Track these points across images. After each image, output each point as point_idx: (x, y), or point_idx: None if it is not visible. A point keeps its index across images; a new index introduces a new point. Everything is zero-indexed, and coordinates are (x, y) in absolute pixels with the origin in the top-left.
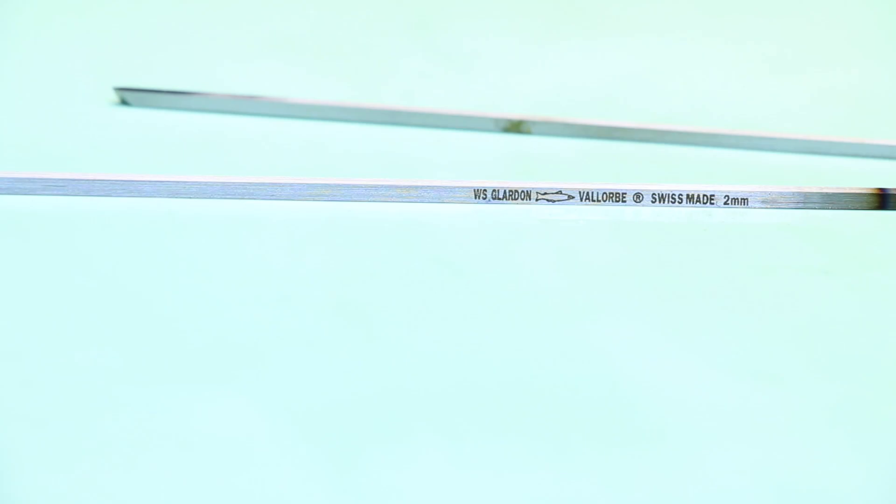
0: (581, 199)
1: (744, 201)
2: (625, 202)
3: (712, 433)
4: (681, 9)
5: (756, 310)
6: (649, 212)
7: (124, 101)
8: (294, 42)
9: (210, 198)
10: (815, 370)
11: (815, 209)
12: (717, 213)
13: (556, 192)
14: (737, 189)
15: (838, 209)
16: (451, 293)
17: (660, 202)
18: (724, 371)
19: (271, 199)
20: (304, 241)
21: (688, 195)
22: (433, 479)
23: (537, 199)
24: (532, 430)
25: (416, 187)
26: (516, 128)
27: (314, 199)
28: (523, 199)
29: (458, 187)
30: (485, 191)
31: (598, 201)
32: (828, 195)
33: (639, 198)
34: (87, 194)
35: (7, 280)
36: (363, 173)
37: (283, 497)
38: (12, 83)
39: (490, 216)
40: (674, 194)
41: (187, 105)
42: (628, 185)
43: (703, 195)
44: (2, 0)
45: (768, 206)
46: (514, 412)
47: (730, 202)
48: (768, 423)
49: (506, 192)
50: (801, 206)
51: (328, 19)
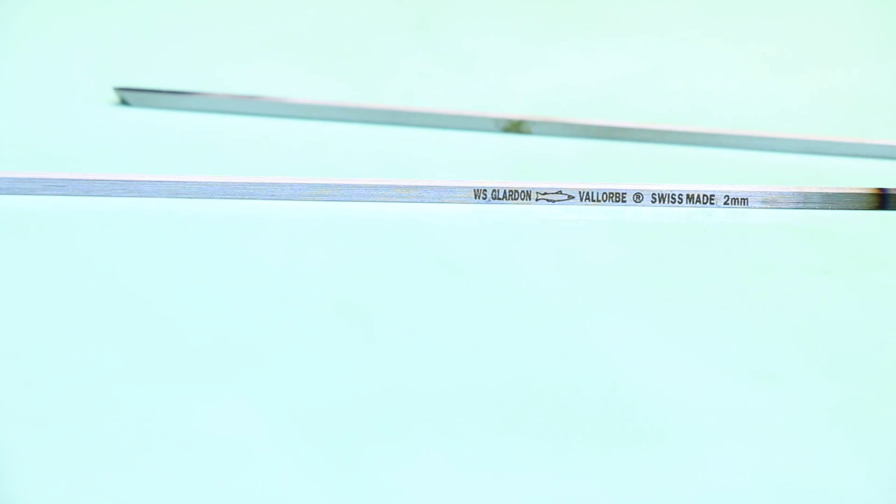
0: (581, 199)
1: (744, 201)
2: (625, 202)
3: (712, 433)
4: (681, 9)
5: (756, 310)
6: (649, 212)
7: (124, 101)
8: (294, 42)
9: (210, 198)
10: (815, 370)
11: (815, 209)
12: (717, 213)
13: (556, 192)
14: (737, 189)
15: (838, 209)
16: (451, 293)
17: (660, 202)
18: (724, 371)
19: (271, 199)
20: (304, 241)
21: (688, 195)
22: (433, 479)
23: (537, 199)
24: (532, 430)
25: (416, 187)
26: (516, 128)
27: (314, 199)
28: (523, 199)
29: (458, 187)
30: (485, 191)
31: (598, 201)
32: (828, 195)
33: (639, 198)
34: (87, 194)
35: (7, 280)
36: (363, 173)
37: (283, 497)
38: (12, 83)
39: (490, 216)
40: (674, 194)
41: (187, 105)
42: (628, 185)
43: (703, 195)
44: (2, 0)
45: (768, 206)
46: (513, 412)
47: (730, 202)
48: (768, 423)
49: (506, 192)
50: (801, 206)
51: (328, 19)
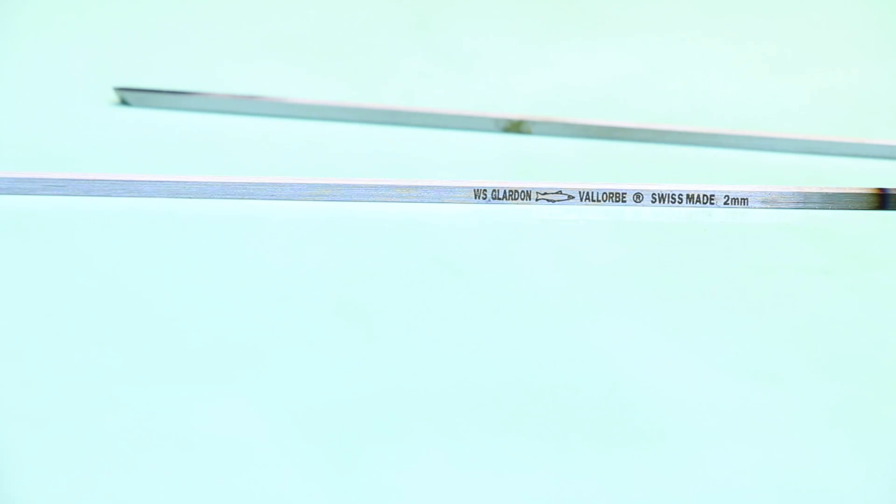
0: (581, 199)
1: (744, 201)
2: (625, 202)
3: (712, 433)
4: (681, 9)
5: (756, 310)
6: (649, 212)
7: (124, 101)
8: (294, 42)
9: (210, 198)
10: (815, 370)
11: (815, 209)
12: (717, 213)
13: (556, 192)
14: (737, 189)
15: (838, 209)
16: (451, 293)
17: (660, 202)
18: (724, 371)
19: (271, 199)
20: (304, 241)
21: (688, 195)
22: (433, 479)
23: (537, 199)
24: (532, 430)
25: (416, 187)
26: (516, 128)
27: (314, 199)
28: (523, 199)
29: (458, 187)
30: (485, 191)
31: (598, 201)
32: (828, 195)
33: (639, 198)
34: (88, 194)
35: (7, 280)
36: (363, 173)
37: (283, 497)
38: (12, 83)
39: (490, 216)
40: (674, 194)
41: (187, 105)
42: (628, 185)
43: (703, 195)
44: (2, 0)
45: (768, 206)
46: (513, 412)
47: (730, 202)
48: (768, 423)
49: (506, 192)
50: (801, 206)
51: (328, 19)
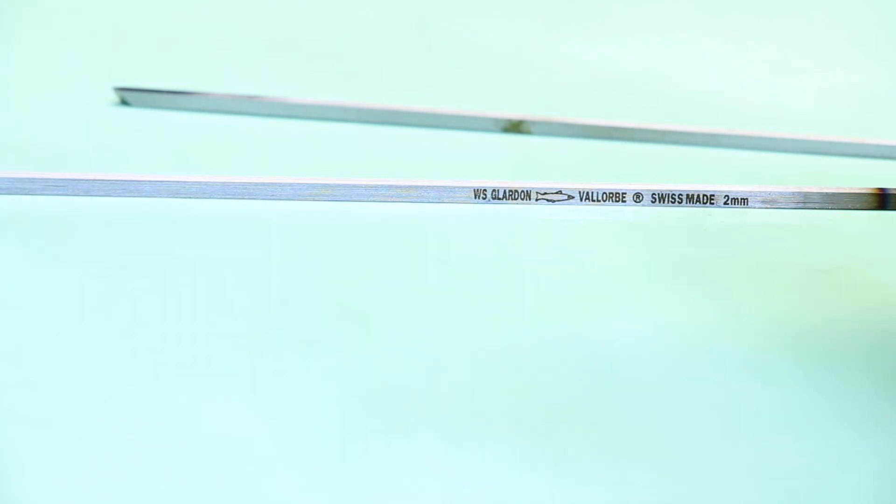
0: (581, 199)
1: (744, 201)
2: (625, 202)
3: (712, 433)
4: (681, 9)
5: (756, 310)
6: (649, 212)
7: (124, 101)
8: (294, 42)
9: (210, 198)
10: (815, 370)
11: (815, 209)
12: (718, 213)
13: (556, 192)
14: (737, 189)
15: (838, 209)
16: (451, 292)
17: (660, 202)
18: (724, 371)
19: (271, 199)
20: (304, 240)
21: (688, 195)
22: (434, 479)
23: (537, 199)
24: (532, 430)
25: (416, 187)
26: (516, 128)
27: (314, 199)
28: (523, 199)
29: (458, 187)
30: (485, 191)
31: (598, 201)
32: (828, 195)
33: (639, 198)
34: (88, 194)
35: (7, 280)
36: (363, 173)
37: (283, 497)
38: (12, 83)
39: (490, 216)
40: (674, 194)
41: (187, 105)
42: (628, 185)
43: (704, 195)
44: (2, 0)
45: (768, 207)
46: (514, 412)
47: (730, 202)
48: (768, 423)
49: (506, 191)
50: (801, 206)
51: (328, 19)
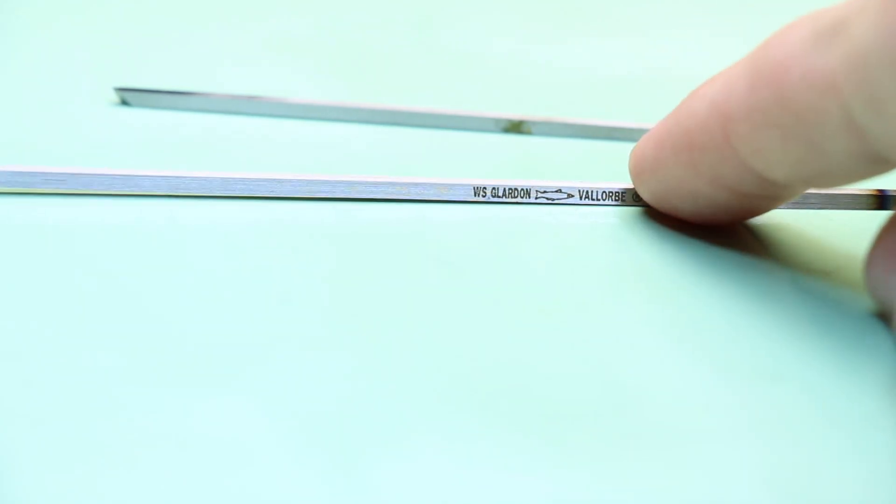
0: (581, 198)
1: None
2: (624, 201)
3: (713, 433)
4: (682, 8)
5: (756, 310)
6: (649, 211)
7: (124, 102)
8: (294, 42)
9: (210, 193)
10: (815, 370)
11: (815, 209)
12: None
13: (556, 191)
14: None
15: (838, 209)
16: (450, 291)
17: None
18: (724, 371)
19: (271, 195)
20: (302, 239)
21: None
22: (434, 479)
23: (537, 198)
24: (533, 430)
25: (416, 184)
26: (516, 128)
27: (314, 196)
28: (523, 198)
29: (458, 185)
30: (484, 189)
31: (598, 200)
32: (828, 195)
33: (638, 198)
34: (87, 188)
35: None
36: (363, 174)
37: (283, 497)
38: (12, 83)
39: (489, 214)
40: None
41: (187, 105)
42: (628, 185)
43: None
44: (2, 0)
45: None
46: (514, 412)
47: None
48: (768, 423)
49: (505, 190)
50: (800, 206)
51: (328, 19)
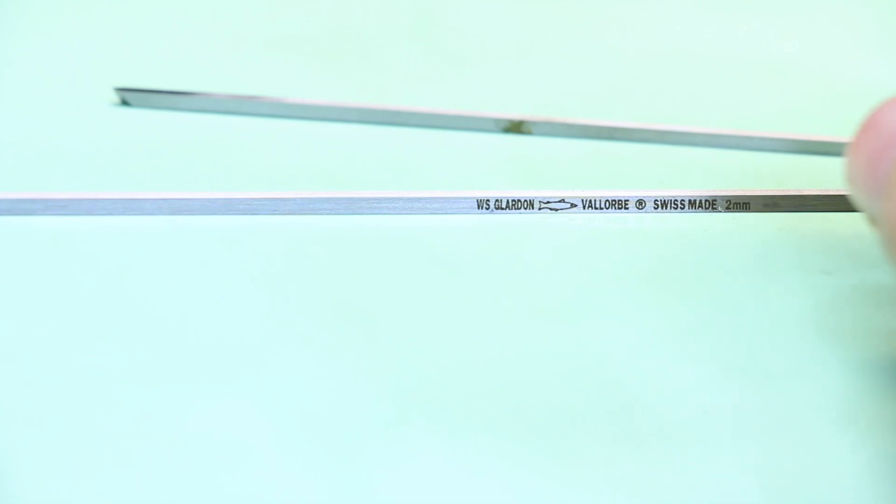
0: (584, 207)
1: (745, 205)
2: (627, 209)
3: (713, 434)
4: (681, 8)
5: (757, 310)
6: (652, 217)
7: (125, 102)
8: (294, 42)
9: (213, 214)
10: (816, 370)
11: (814, 211)
12: (719, 216)
13: (559, 201)
14: (738, 193)
15: (838, 210)
16: (450, 293)
17: (662, 208)
18: (724, 371)
19: (274, 214)
20: (305, 250)
21: (689, 200)
22: (434, 480)
23: (540, 208)
24: (534, 432)
25: (420, 199)
26: (517, 128)
27: (317, 213)
28: (526, 209)
29: (461, 198)
30: (488, 201)
31: (601, 209)
32: (828, 196)
33: (641, 204)
34: (89, 214)
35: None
36: (364, 174)
37: (283, 497)
38: (12, 83)
39: (492, 225)
40: (676, 200)
41: (188, 105)
42: (631, 192)
43: (706, 200)
44: (2, 0)
45: (769, 209)
46: (515, 413)
47: (731, 206)
48: (768, 423)
49: (509, 201)
50: (801, 207)
51: (328, 19)
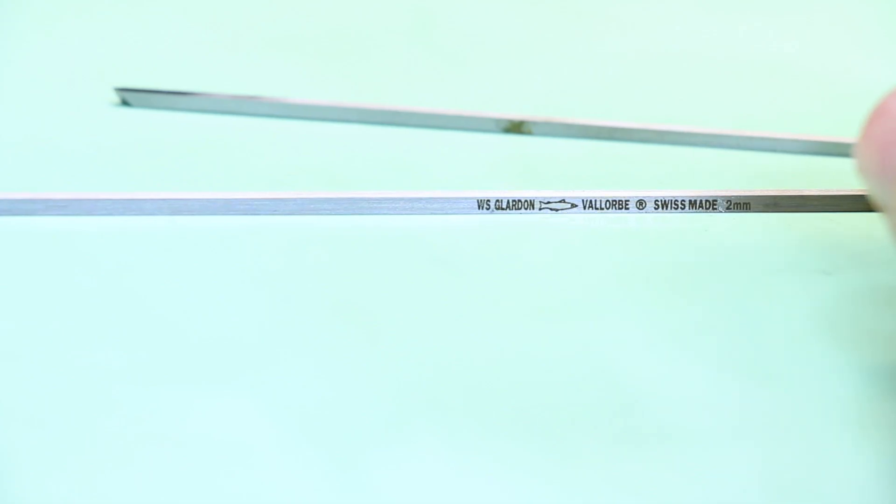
0: (584, 208)
1: (746, 205)
2: (628, 209)
3: (713, 434)
4: (681, 8)
5: (756, 310)
6: (652, 218)
7: (125, 102)
8: (294, 42)
9: (213, 214)
10: (816, 370)
11: (815, 211)
12: (719, 216)
13: (560, 201)
14: (739, 193)
15: (838, 211)
16: (450, 293)
17: (663, 208)
18: (725, 371)
19: (274, 215)
20: (305, 242)
21: (690, 200)
22: (434, 480)
23: (540, 208)
24: (534, 432)
25: (420, 199)
26: (517, 128)
27: (317, 214)
28: (526, 209)
29: (462, 198)
30: (488, 201)
31: (602, 209)
32: (828, 196)
33: (641, 204)
34: (89, 214)
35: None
36: (364, 174)
37: (283, 497)
38: (12, 83)
39: (493, 225)
40: (676, 200)
41: (188, 105)
42: (631, 193)
43: (706, 200)
44: (2, 0)
45: (769, 210)
46: (516, 413)
47: (732, 206)
48: (768, 423)
49: (509, 201)
50: (801, 207)
51: (328, 19)
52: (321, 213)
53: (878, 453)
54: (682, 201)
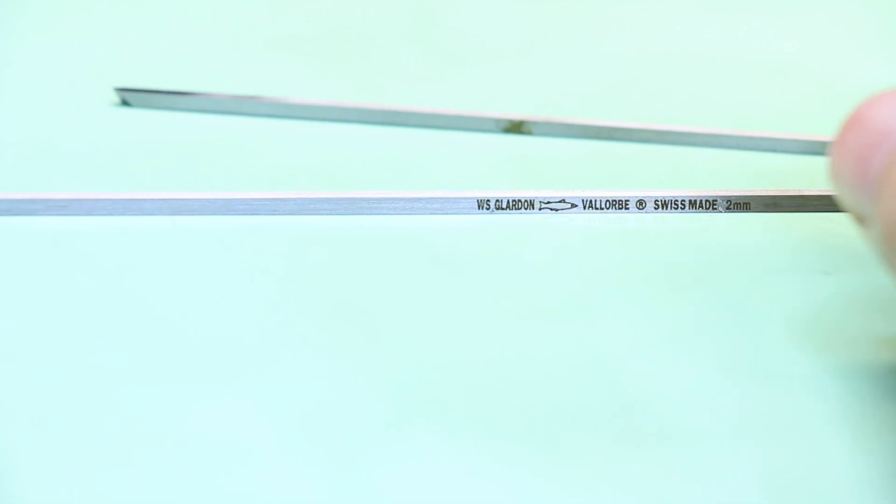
0: (584, 208)
1: (745, 205)
2: (628, 209)
3: (713, 434)
4: (681, 8)
5: (756, 310)
6: (652, 218)
7: (125, 102)
8: (294, 42)
9: (213, 214)
10: (815, 370)
11: (815, 211)
12: (719, 216)
13: (560, 201)
14: (739, 193)
15: (839, 210)
16: (450, 293)
17: (663, 208)
18: (725, 371)
19: (274, 215)
20: (305, 242)
21: (690, 200)
22: (434, 480)
23: (540, 208)
24: (534, 432)
25: (420, 199)
26: (517, 128)
27: (317, 213)
28: (526, 209)
29: (462, 198)
30: (488, 201)
31: (602, 209)
32: (828, 196)
33: (641, 204)
34: (89, 214)
35: (8, 282)
36: (364, 174)
37: (283, 497)
38: (12, 83)
39: (493, 225)
40: (676, 200)
41: (188, 105)
42: (631, 193)
43: (706, 200)
44: (2, 0)
45: (769, 210)
46: (516, 413)
47: (732, 206)
48: (768, 423)
49: (509, 201)
50: (801, 207)
51: (328, 19)
52: (321, 213)
53: (878, 453)
54: (682, 201)
